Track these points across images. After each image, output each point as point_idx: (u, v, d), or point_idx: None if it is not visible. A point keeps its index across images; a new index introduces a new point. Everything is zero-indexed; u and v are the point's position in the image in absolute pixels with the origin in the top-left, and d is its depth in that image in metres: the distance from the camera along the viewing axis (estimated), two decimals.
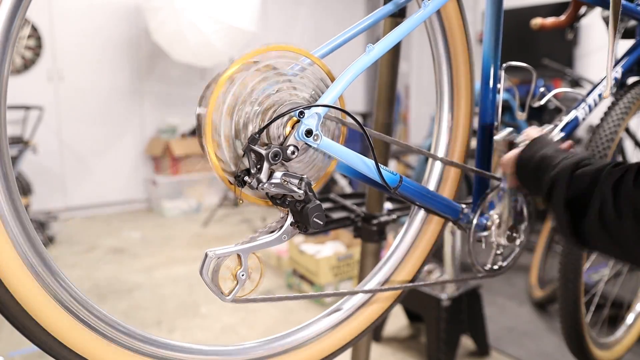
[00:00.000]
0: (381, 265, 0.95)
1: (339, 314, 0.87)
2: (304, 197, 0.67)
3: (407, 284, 0.95)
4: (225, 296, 0.68)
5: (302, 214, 0.67)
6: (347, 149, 0.74)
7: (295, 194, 0.67)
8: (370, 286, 0.92)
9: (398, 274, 0.95)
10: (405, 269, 0.96)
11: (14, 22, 0.54)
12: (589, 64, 4.13)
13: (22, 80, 4.31)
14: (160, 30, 4.11)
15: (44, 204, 4.37)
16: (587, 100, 1.14)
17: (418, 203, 0.90)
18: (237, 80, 0.65)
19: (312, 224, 0.67)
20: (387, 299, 0.93)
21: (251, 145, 0.65)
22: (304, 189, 0.67)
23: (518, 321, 2.58)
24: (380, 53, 0.75)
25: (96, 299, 2.85)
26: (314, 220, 0.67)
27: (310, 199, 0.67)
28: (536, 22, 1.37)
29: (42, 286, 0.58)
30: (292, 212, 0.68)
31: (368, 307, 0.90)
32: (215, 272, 0.67)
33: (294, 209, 0.68)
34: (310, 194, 0.67)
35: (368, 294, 0.91)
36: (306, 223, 0.67)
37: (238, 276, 0.67)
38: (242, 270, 0.68)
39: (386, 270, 0.94)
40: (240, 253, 0.67)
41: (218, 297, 0.68)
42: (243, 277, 0.68)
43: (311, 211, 0.67)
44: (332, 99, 0.70)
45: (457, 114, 0.99)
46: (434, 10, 0.82)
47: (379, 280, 0.94)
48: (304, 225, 0.68)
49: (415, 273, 0.97)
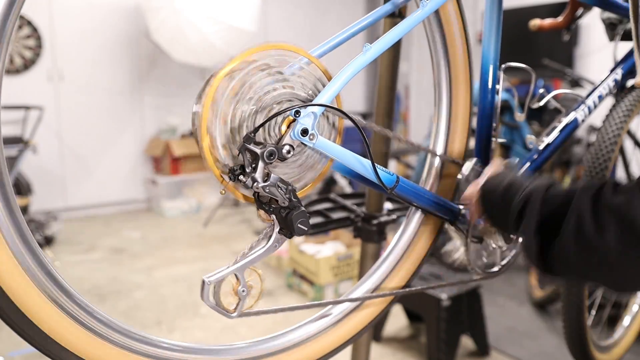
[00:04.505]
0: (375, 268, 0.94)
1: (329, 319, 0.86)
2: (288, 203, 0.67)
3: (399, 290, 0.93)
4: (231, 314, 0.69)
5: (287, 220, 0.67)
6: (343, 149, 0.74)
7: (280, 200, 0.67)
8: (367, 287, 0.92)
9: (394, 275, 0.94)
10: (401, 271, 0.95)
11: (7, 21, 0.53)
12: (589, 64, 4.13)
13: (22, 80, 4.31)
14: (160, 30, 4.11)
15: (44, 204, 4.37)
16: (587, 102, 1.14)
17: (415, 204, 0.89)
18: (233, 78, 0.65)
19: (297, 230, 0.67)
20: (383, 302, 0.93)
21: (246, 144, 0.64)
22: (288, 196, 0.67)
23: (518, 321, 2.57)
24: (378, 53, 0.75)
25: (96, 299, 2.85)
26: (299, 226, 0.67)
27: (294, 205, 0.67)
28: (534, 23, 1.38)
29: (38, 288, 0.58)
30: (277, 218, 0.69)
31: (362, 311, 0.90)
32: (216, 295, 0.68)
33: (279, 215, 0.68)
34: (294, 200, 0.67)
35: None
36: (291, 229, 0.68)
37: (239, 292, 0.69)
38: (241, 286, 0.69)
39: (380, 273, 0.93)
40: (235, 273, 0.69)
41: (225, 317, 0.70)
42: (244, 293, 0.69)
43: (295, 217, 0.67)
44: (328, 98, 0.70)
45: (455, 114, 0.98)
46: (432, 10, 0.81)
47: (374, 282, 0.93)
48: (288, 232, 0.69)
49: (412, 275, 0.97)
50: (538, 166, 1.07)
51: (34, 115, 4.01)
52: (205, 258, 3.54)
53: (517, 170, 1.01)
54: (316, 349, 0.83)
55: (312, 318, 0.85)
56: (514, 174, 0.85)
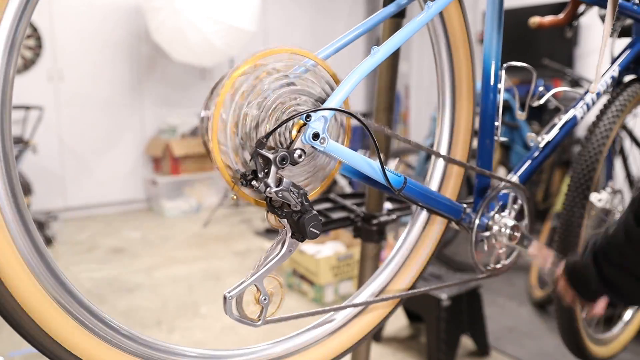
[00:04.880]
0: (382, 269, 0.94)
1: (333, 324, 0.86)
2: (300, 207, 0.67)
3: (406, 292, 0.94)
4: (255, 322, 0.71)
5: (299, 224, 0.67)
6: (352, 151, 0.74)
7: (292, 204, 0.67)
8: (371, 291, 0.92)
9: (400, 276, 0.94)
10: (408, 272, 0.95)
11: (19, 27, 0.54)
12: (589, 64, 4.13)
13: (22, 80, 4.31)
14: (160, 30, 4.11)
15: (44, 204, 4.36)
16: (585, 99, 1.15)
17: (421, 204, 0.90)
18: (242, 83, 0.65)
19: (309, 233, 0.67)
20: (389, 305, 0.93)
21: (259, 149, 0.64)
22: (300, 200, 0.67)
23: (518, 321, 2.58)
24: (386, 55, 0.75)
25: (96, 299, 2.85)
26: (311, 230, 0.67)
27: (306, 209, 0.67)
28: (534, 20, 1.38)
29: (42, 287, 0.57)
30: (289, 223, 0.69)
31: (367, 314, 0.90)
32: (239, 307, 0.70)
33: (291, 219, 0.68)
34: (306, 204, 0.67)
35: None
36: (303, 233, 0.68)
37: (261, 301, 0.70)
38: (262, 295, 0.70)
39: (386, 275, 0.93)
40: (255, 284, 0.70)
41: (251, 327, 0.71)
42: (265, 301, 0.71)
43: (307, 221, 0.67)
44: (338, 102, 0.70)
45: (458, 115, 0.99)
46: (437, 11, 0.82)
47: (380, 285, 0.93)
48: (300, 235, 0.69)
49: (418, 276, 0.97)
50: (539, 164, 1.07)
51: (34, 115, 4.01)
52: (205, 258, 3.54)
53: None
54: (323, 354, 0.83)
55: (318, 322, 0.85)
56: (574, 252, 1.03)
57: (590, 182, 1.16)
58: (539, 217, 3.29)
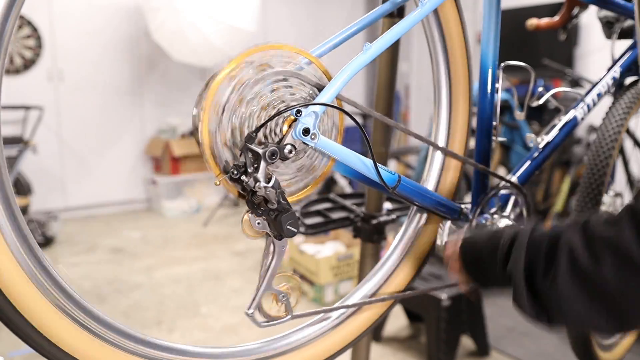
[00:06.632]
0: (377, 268, 0.94)
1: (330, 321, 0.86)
2: (277, 205, 0.67)
3: (398, 294, 0.94)
4: (286, 317, 0.75)
5: (276, 222, 0.67)
6: (344, 148, 0.74)
7: (269, 202, 0.66)
8: (367, 290, 0.92)
9: (395, 276, 0.94)
10: (404, 270, 0.95)
11: (7, 21, 0.53)
12: (588, 64, 4.12)
13: (22, 80, 4.31)
14: (160, 30, 4.11)
15: (44, 204, 4.37)
16: (586, 100, 1.14)
17: (417, 203, 0.89)
18: (233, 79, 0.65)
19: (286, 231, 0.67)
20: (385, 304, 0.93)
21: (248, 144, 0.64)
22: (277, 198, 0.66)
23: (518, 321, 2.57)
24: (378, 52, 0.75)
25: (96, 299, 2.85)
26: (288, 227, 0.67)
27: (283, 207, 0.67)
28: (531, 23, 1.38)
29: (38, 288, 0.57)
30: (267, 220, 0.69)
31: (363, 313, 0.90)
32: (263, 314, 0.73)
33: (269, 217, 0.68)
34: (283, 202, 0.67)
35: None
36: (280, 231, 0.68)
37: (280, 300, 0.74)
38: (279, 294, 0.74)
39: (381, 275, 0.93)
40: (266, 292, 0.72)
41: (280, 323, 0.75)
42: (284, 298, 0.74)
43: (284, 219, 0.67)
44: (329, 98, 0.70)
45: (455, 114, 0.98)
46: (431, 9, 0.81)
47: (376, 283, 0.93)
48: (278, 233, 0.69)
49: (414, 275, 0.97)
50: (539, 164, 1.07)
51: (34, 115, 4.01)
52: (205, 258, 3.54)
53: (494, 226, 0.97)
54: (318, 352, 0.83)
55: (314, 320, 0.85)
56: (495, 228, 0.84)
57: (602, 186, 1.15)
58: (539, 217, 3.29)
